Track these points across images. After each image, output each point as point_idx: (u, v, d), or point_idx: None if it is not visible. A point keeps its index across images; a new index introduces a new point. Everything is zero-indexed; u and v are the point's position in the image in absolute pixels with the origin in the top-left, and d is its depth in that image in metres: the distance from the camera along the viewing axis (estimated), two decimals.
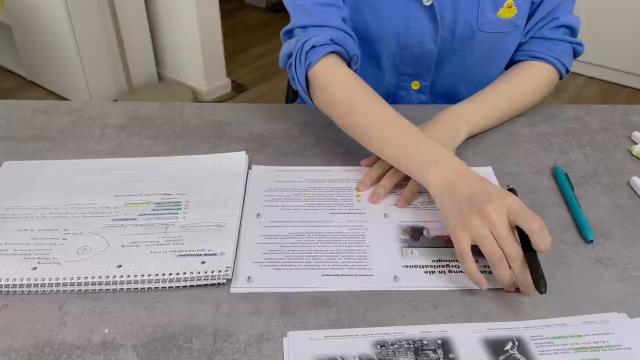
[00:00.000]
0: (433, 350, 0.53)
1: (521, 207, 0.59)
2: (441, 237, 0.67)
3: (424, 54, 0.92)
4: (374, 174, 0.75)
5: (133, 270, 0.61)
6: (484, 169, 0.79)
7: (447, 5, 0.87)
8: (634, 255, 0.65)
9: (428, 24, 0.88)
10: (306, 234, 0.67)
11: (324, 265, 0.63)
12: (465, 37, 0.89)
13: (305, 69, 0.79)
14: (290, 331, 0.55)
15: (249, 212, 0.71)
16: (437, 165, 0.67)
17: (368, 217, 0.70)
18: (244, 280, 0.61)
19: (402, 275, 0.62)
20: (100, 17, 2.43)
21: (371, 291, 0.60)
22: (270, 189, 0.75)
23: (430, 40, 0.90)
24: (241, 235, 0.67)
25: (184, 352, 0.53)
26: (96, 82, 2.53)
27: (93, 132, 0.87)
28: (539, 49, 0.92)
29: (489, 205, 0.59)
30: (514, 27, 0.90)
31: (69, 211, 0.70)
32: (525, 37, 0.93)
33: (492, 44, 0.91)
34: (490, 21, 0.88)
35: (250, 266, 0.63)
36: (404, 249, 0.65)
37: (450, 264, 0.63)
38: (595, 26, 2.66)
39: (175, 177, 0.76)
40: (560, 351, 0.53)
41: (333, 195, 0.74)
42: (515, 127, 0.90)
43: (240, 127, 0.89)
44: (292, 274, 0.62)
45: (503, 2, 0.87)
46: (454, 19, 0.88)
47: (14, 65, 2.83)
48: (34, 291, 0.59)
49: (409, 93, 0.98)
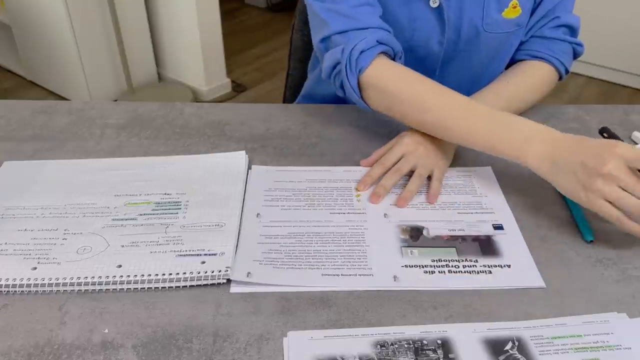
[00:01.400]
0: (433, 350, 0.53)
1: (633, 153, 0.61)
2: (441, 237, 0.67)
3: (429, 55, 0.91)
4: (374, 174, 0.75)
5: (133, 270, 0.61)
6: (483, 169, 0.79)
7: (452, 6, 0.87)
8: (634, 255, 0.65)
9: (435, 26, 0.88)
10: (306, 233, 0.67)
11: (323, 265, 0.63)
12: (470, 37, 0.89)
13: (357, 74, 0.79)
14: (290, 331, 0.55)
15: (248, 212, 0.71)
16: (532, 141, 0.67)
17: (368, 217, 0.70)
18: (243, 276, 0.61)
19: (402, 275, 0.62)
20: (100, 17, 2.42)
21: (371, 291, 0.60)
22: (270, 189, 0.75)
23: (436, 41, 0.89)
24: (241, 235, 0.67)
25: (184, 352, 0.53)
26: (96, 82, 2.53)
27: (93, 132, 0.87)
28: (539, 48, 0.92)
29: (606, 166, 0.61)
30: (518, 27, 0.90)
31: (69, 211, 0.70)
32: (525, 36, 0.93)
33: (497, 44, 0.91)
34: (495, 22, 0.88)
35: (249, 264, 0.62)
36: (403, 248, 0.65)
37: (449, 263, 0.63)
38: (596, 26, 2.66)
39: (175, 177, 0.76)
40: (560, 351, 0.53)
41: (333, 195, 0.74)
42: None
43: (240, 127, 0.89)
44: (291, 272, 0.62)
45: (508, 2, 0.87)
46: (459, 20, 0.88)
47: (14, 65, 2.82)
48: (34, 291, 0.59)
49: None
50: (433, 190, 0.74)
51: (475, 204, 0.73)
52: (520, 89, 0.89)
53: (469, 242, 0.66)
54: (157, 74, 2.79)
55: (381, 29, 0.81)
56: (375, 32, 0.79)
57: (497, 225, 0.69)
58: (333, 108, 0.92)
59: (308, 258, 0.64)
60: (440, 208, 0.72)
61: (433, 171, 0.75)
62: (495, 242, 0.67)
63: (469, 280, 0.61)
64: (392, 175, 0.74)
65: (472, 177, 0.78)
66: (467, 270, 0.62)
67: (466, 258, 0.64)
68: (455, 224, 0.69)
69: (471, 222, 0.70)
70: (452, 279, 0.61)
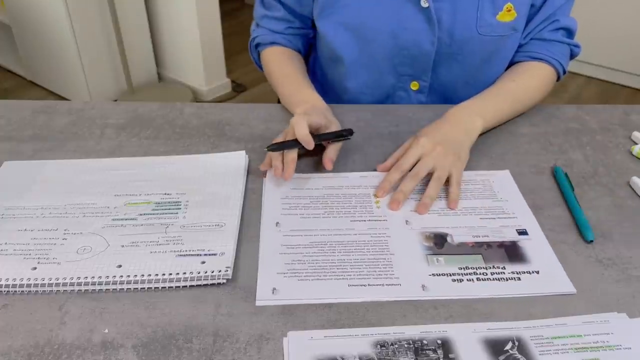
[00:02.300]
0: (433, 350, 0.53)
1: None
2: (466, 244, 0.66)
3: (421, 54, 0.92)
4: (392, 179, 0.74)
5: (133, 270, 0.61)
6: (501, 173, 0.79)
7: (445, 7, 0.87)
8: (634, 255, 0.65)
9: (424, 26, 0.88)
10: (328, 242, 0.66)
11: (349, 275, 0.61)
12: (464, 40, 0.89)
13: (256, 54, 1.04)
14: (290, 331, 0.55)
15: (267, 220, 0.70)
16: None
17: (389, 224, 0.69)
18: (268, 292, 0.59)
19: (431, 284, 0.60)
20: (100, 17, 2.42)
21: None
22: (287, 197, 0.74)
23: (427, 41, 0.90)
24: (261, 245, 0.66)
25: (184, 352, 0.53)
26: (96, 82, 2.53)
27: (93, 132, 0.87)
28: (539, 50, 0.93)
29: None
30: (514, 30, 0.91)
31: (69, 211, 0.70)
32: (524, 39, 0.94)
33: (492, 47, 0.91)
34: (489, 25, 0.88)
35: (273, 278, 0.61)
36: (429, 256, 0.64)
37: (477, 271, 0.62)
38: (595, 26, 2.66)
39: (175, 177, 0.76)
40: (560, 351, 0.53)
41: (352, 202, 0.73)
42: (515, 127, 0.90)
43: (240, 127, 0.89)
44: (317, 285, 0.60)
45: (502, 6, 0.87)
46: (452, 22, 0.88)
47: (14, 65, 2.83)
48: (34, 291, 0.59)
49: (409, 93, 0.98)
50: (453, 196, 0.73)
51: (497, 208, 0.72)
52: (525, 88, 0.90)
53: (495, 249, 0.65)
54: (157, 74, 2.79)
55: (285, 36, 0.99)
56: (273, 37, 0.99)
57: (520, 230, 0.68)
58: (332, 108, 0.92)
59: (333, 268, 0.62)
60: (462, 214, 0.71)
61: (451, 174, 0.74)
62: (520, 247, 0.66)
63: (498, 287, 0.60)
64: (410, 180, 0.73)
65: (491, 181, 0.77)
66: (495, 278, 0.62)
67: (493, 265, 0.63)
68: (479, 230, 0.68)
69: (495, 227, 0.69)
70: (482, 287, 0.60)
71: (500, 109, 0.87)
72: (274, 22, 0.99)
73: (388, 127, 0.89)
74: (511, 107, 0.89)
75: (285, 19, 0.98)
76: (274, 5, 0.98)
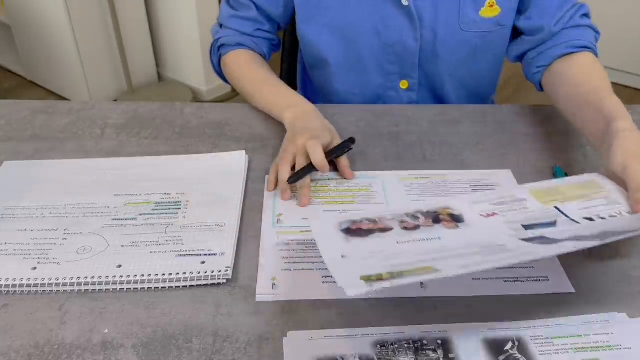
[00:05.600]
0: (433, 350, 0.53)
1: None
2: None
3: (406, 52, 0.92)
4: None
5: (133, 270, 0.61)
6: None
7: (426, 5, 0.88)
8: (634, 255, 0.65)
9: (406, 24, 0.89)
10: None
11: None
12: (447, 36, 0.90)
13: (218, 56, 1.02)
14: (290, 331, 0.55)
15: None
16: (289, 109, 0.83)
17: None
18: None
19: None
20: (100, 17, 2.42)
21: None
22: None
23: (410, 38, 0.90)
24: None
25: (184, 352, 0.53)
26: (96, 82, 2.53)
27: (93, 132, 0.87)
28: (580, 37, 0.88)
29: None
30: (499, 26, 0.90)
31: (69, 211, 0.70)
32: (556, 27, 0.88)
33: (477, 43, 0.91)
34: (472, 21, 0.88)
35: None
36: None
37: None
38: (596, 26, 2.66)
39: (175, 177, 0.76)
40: (560, 351, 0.53)
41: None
42: (516, 127, 0.90)
43: (240, 127, 0.89)
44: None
45: (484, 1, 0.87)
46: (434, 19, 0.88)
47: (14, 65, 2.82)
48: (34, 291, 0.59)
49: (399, 93, 0.98)
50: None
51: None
52: (606, 82, 0.82)
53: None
54: (157, 74, 2.79)
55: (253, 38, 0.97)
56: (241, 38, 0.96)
57: None
58: (333, 108, 0.92)
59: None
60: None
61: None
62: None
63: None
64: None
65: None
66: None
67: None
68: None
69: None
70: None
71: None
72: (244, 23, 0.96)
73: (388, 127, 0.89)
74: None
75: (256, 20, 0.96)
76: (245, 5, 0.95)
